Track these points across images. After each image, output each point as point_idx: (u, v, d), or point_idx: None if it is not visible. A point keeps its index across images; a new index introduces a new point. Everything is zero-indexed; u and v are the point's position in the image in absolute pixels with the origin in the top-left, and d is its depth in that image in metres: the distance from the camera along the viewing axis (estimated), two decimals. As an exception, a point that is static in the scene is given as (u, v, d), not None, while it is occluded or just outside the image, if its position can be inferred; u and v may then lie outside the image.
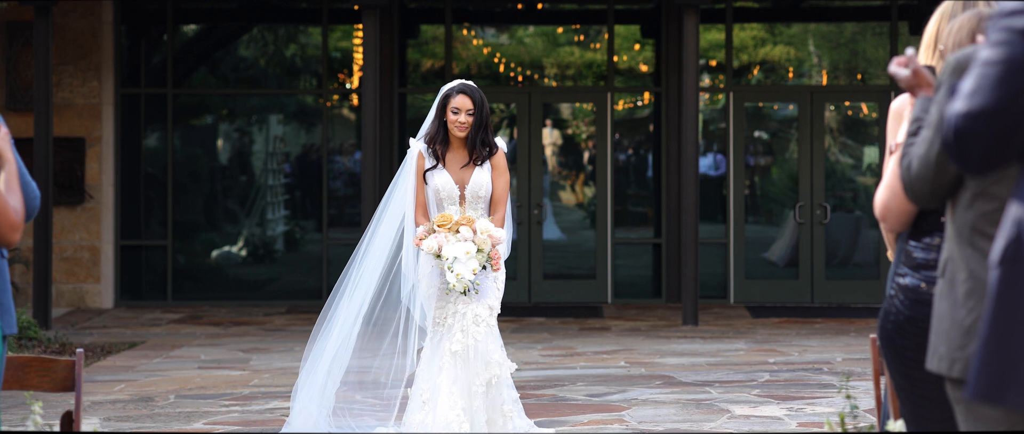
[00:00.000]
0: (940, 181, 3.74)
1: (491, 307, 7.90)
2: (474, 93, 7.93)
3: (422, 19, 18.20)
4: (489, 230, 7.73)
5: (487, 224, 7.75)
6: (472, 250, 7.67)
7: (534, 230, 17.30)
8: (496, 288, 7.98)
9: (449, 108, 7.92)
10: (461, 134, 7.92)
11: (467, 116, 7.88)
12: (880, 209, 4.34)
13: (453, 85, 8.00)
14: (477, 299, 7.84)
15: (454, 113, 7.90)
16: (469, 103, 7.90)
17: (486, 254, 7.73)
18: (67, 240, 16.63)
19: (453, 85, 8.00)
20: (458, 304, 7.85)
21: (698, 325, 14.75)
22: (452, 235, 7.70)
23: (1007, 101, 3.18)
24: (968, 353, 3.58)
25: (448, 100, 7.94)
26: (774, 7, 18.23)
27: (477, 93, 7.94)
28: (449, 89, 7.98)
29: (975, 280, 3.60)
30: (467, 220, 7.75)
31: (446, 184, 7.94)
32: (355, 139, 17.80)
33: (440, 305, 7.90)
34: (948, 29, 4.37)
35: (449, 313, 7.87)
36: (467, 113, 7.88)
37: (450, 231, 7.72)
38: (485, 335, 7.87)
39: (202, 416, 9.70)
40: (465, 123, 7.89)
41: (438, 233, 7.73)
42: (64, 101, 16.52)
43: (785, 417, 9.43)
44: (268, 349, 13.21)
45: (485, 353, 7.87)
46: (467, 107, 7.89)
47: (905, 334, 4.28)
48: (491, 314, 7.90)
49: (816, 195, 17.22)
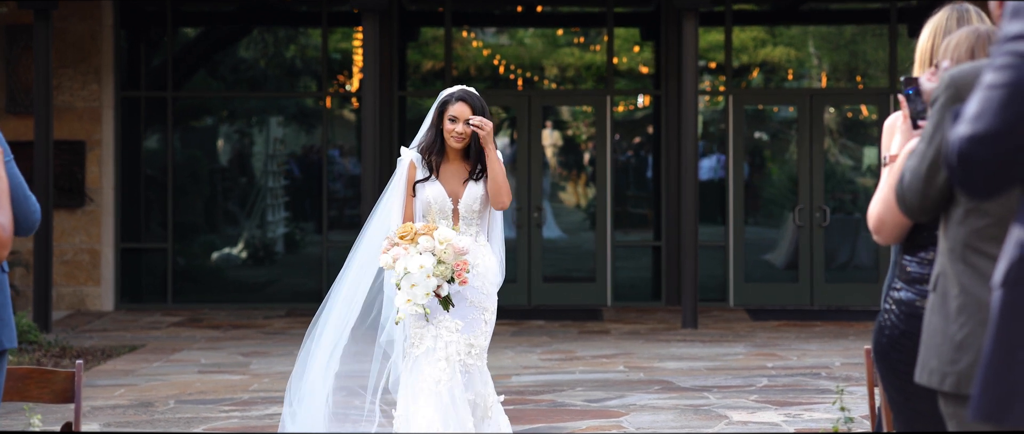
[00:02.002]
0: (929, 194, 3.78)
1: (472, 344, 7.00)
2: (474, 100, 7.17)
3: (422, 21, 18.22)
4: (450, 239, 6.76)
5: (448, 233, 6.81)
6: (429, 264, 6.69)
7: (534, 233, 17.32)
8: (483, 320, 7.09)
9: (446, 116, 7.16)
10: (458, 145, 7.16)
11: (465, 125, 7.12)
12: (874, 221, 4.36)
13: (452, 91, 7.24)
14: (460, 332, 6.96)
15: (452, 122, 7.14)
16: (468, 111, 7.13)
17: (449, 266, 6.76)
18: (67, 243, 16.65)
19: (452, 91, 7.24)
20: (440, 329, 6.95)
21: (697, 328, 14.77)
22: (412, 246, 6.79)
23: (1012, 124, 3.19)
24: (959, 368, 3.63)
25: (446, 107, 7.18)
26: (773, 9, 18.25)
27: (477, 100, 7.18)
28: (447, 95, 7.22)
29: (967, 296, 3.63)
30: (427, 228, 6.84)
31: (438, 197, 7.15)
32: (355, 140, 17.82)
33: (417, 325, 6.98)
34: (944, 45, 4.37)
35: (428, 335, 6.97)
36: (465, 123, 7.12)
37: (410, 242, 6.81)
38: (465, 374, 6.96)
39: (202, 421, 9.72)
40: (463, 133, 7.13)
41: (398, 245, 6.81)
42: (64, 104, 16.54)
43: (782, 423, 9.45)
44: (268, 352, 13.23)
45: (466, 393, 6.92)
46: (466, 116, 7.13)
47: (900, 348, 4.30)
48: (470, 353, 6.98)
49: (815, 197, 17.24)
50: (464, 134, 7.14)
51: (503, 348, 13.10)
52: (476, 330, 7.02)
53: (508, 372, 11.77)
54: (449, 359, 6.89)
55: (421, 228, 6.82)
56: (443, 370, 6.87)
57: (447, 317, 6.94)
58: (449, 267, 6.75)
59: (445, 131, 7.16)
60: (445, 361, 6.89)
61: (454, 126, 7.12)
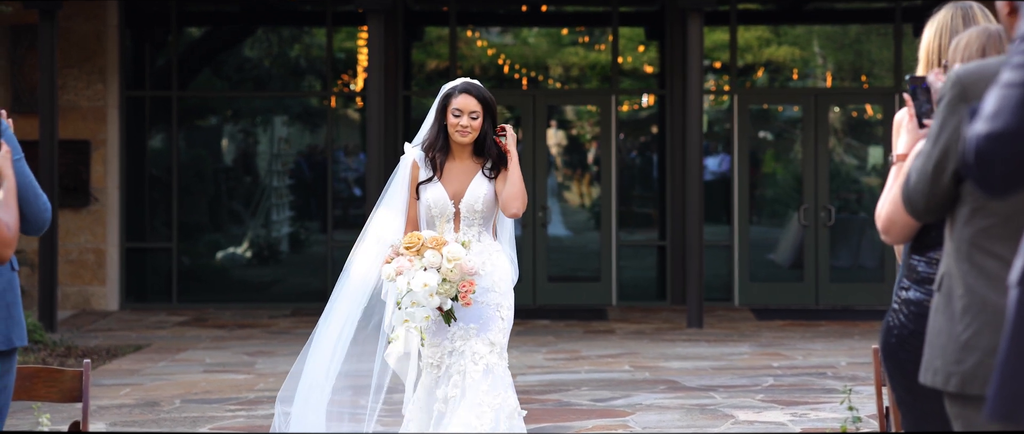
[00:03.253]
0: (936, 194, 3.77)
1: (492, 342, 6.57)
2: (479, 92, 6.70)
3: (426, 21, 18.23)
4: (459, 259, 6.34)
5: (458, 250, 6.37)
6: (433, 283, 6.29)
7: (539, 232, 17.32)
8: (500, 317, 6.64)
9: (450, 109, 6.69)
10: (463, 140, 6.67)
11: (471, 119, 6.65)
12: (883, 222, 4.34)
13: (455, 83, 6.78)
14: (477, 333, 6.53)
15: (455, 116, 6.67)
16: (473, 104, 6.67)
17: (454, 285, 6.36)
18: (72, 243, 16.66)
19: (455, 83, 6.78)
20: (455, 340, 6.53)
21: (703, 328, 14.77)
22: (417, 259, 6.37)
23: None
24: (964, 368, 3.63)
25: (449, 100, 6.71)
26: (778, 9, 18.24)
27: (483, 92, 6.71)
28: (450, 88, 6.75)
29: (973, 295, 3.63)
30: (436, 242, 6.40)
31: (439, 199, 6.67)
32: (359, 139, 17.83)
33: (433, 342, 6.53)
34: (954, 44, 4.36)
35: (445, 352, 6.56)
36: (471, 116, 6.65)
37: (416, 254, 6.38)
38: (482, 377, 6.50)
39: (207, 421, 9.72)
40: (468, 127, 6.65)
41: (401, 256, 6.39)
42: (69, 104, 16.55)
43: (789, 423, 9.44)
44: (273, 352, 13.23)
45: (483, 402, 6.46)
46: (471, 108, 6.66)
47: (909, 348, 4.30)
48: (492, 351, 6.55)
49: (820, 197, 17.23)
50: (470, 128, 6.67)
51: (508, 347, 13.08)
52: (493, 327, 6.58)
53: (514, 371, 11.66)
54: (462, 372, 6.48)
55: (429, 241, 6.42)
56: (455, 385, 6.49)
57: (458, 326, 6.54)
58: (454, 286, 6.37)
59: (449, 126, 6.69)
60: (458, 375, 6.50)
61: (459, 120, 6.66)
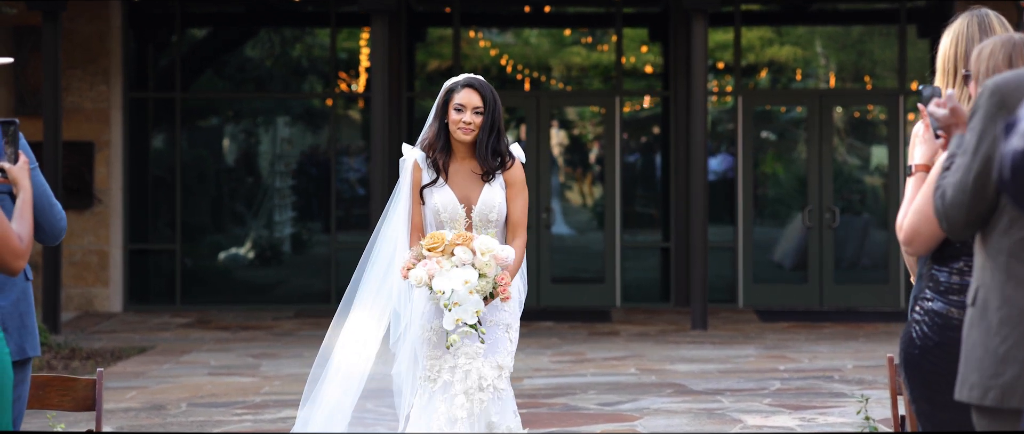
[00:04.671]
0: (977, 208, 3.72)
1: (500, 366, 6.19)
2: (482, 87, 6.29)
3: (429, 22, 18.20)
4: (491, 249, 6.03)
5: (488, 241, 6.07)
6: (473, 278, 5.97)
7: (543, 233, 17.29)
8: (508, 338, 6.26)
9: (452, 105, 6.28)
10: (466, 138, 6.27)
11: (474, 115, 6.25)
12: (908, 233, 4.28)
13: (457, 79, 6.37)
14: (483, 354, 6.16)
15: (458, 111, 6.27)
16: (476, 99, 6.27)
17: (491, 280, 6.03)
18: (76, 244, 16.63)
19: (457, 79, 6.37)
20: (458, 357, 6.14)
21: (707, 329, 14.74)
22: (446, 260, 6.05)
23: None
24: (1003, 381, 3.58)
25: (451, 96, 6.30)
26: (781, 9, 18.22)
27: (486, 88, 6.30)
28: (452, 83, 6.34)
29: (1011, 307, 3.59)
30: (463, 238, 6.09)
31: (449, 203, 6.27)
32: (362, 140, 17.80)
33: (434, 355, 6.19)
34: (976, 53, 4.31)
35: (445, 367, 6.16)
36: (474, 112, 6.25)
37: (443, 255, 6.06)
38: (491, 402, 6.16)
39: (214, 425, 9.69)
40: (470, 124, 6.25)
41: (428, 260, 6.05)
42: (73, 105, 16.52)
43: (798, 427, 9.40)
44: (277, 354, 13.21)
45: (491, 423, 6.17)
46: (474, 104, 6.26)
47: (932, 359, 4.25)
48: (500, 376, 6.18)
49: (825, 198, 17.20)
50: (473, 124, 6.27)
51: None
52: (501, 349, 6.21)
53: (520, 375, 11.72)
54: (468, 393, 6.10)
55: (455, 237, 6.10)
56: (461, 406, 6.09)
57: (465, 343, 6.14)
58: (490, 281, 6.02)
59: (451, 122, 6.28)
60: (464, 395, 6.11)
61: (461, 116, 6.26)
